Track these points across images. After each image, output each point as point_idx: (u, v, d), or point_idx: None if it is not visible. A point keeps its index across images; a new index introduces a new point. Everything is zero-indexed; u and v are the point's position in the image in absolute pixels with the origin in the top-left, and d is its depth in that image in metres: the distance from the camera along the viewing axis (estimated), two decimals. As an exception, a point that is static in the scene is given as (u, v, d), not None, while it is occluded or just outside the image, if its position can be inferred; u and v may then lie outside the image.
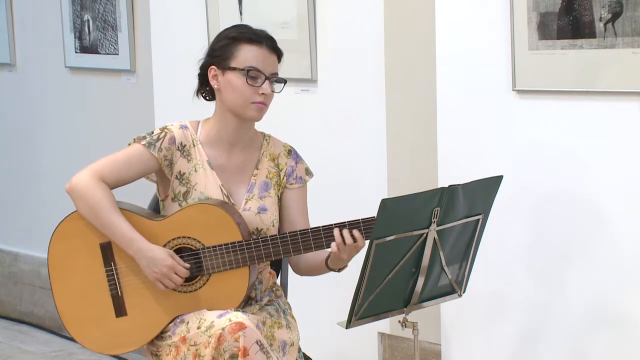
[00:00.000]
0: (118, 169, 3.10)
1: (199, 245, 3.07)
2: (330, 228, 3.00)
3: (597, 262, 3.37)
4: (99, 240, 3.10)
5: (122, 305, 3.11)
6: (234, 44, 3.10)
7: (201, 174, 3.14)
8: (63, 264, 3.15)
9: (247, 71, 3.07)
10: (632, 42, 3.17)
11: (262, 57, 3.09)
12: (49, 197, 5.58)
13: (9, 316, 5.95)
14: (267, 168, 3.21)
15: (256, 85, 3.07)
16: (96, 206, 3.06)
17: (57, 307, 3.15)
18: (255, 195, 3.17)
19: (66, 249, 3.14)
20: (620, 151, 3.28)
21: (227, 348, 2.88)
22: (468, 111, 3.60)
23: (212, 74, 3.13)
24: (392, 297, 2.93)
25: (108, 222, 3.06)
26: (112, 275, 3.11)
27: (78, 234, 3.12)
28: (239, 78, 3.08)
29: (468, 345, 3.71)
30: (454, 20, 3.60)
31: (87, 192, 3.06)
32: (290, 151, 3.25)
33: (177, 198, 3.14)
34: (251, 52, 3.09)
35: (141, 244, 3.05)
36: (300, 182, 3.24)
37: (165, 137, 3.13)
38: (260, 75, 3.08)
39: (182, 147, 3.14)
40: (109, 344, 3.14)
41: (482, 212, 2.99)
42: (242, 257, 3.05)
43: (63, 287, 3.15)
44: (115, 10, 5.06)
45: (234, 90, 3.09)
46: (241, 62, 3.08)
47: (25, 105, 5.72)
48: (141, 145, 3.11)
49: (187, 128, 3.17)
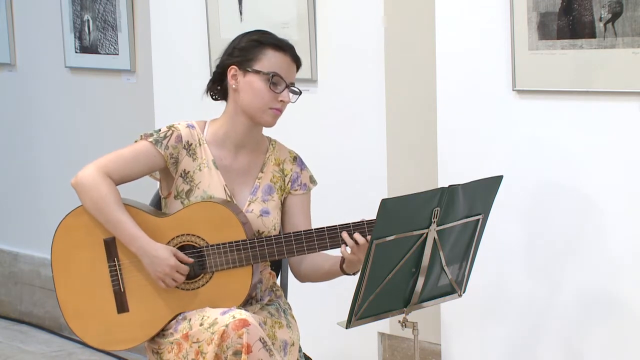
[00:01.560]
0: (124, 165, 3.10)
1: (203, 243, 3.07)
2: (334, 229, 3.00)
3: (597, 262, 3.37)
4: (103, 236, 3.11)
5: (124, 301, 3.11)
6: (259, 47, 3.11)
7: (206, 173, 3.14)
8: (66, 258, 3.14)
9: (271, 76, 3.08)
10: (632, 42, 3.17)
11: (285, 65, 3.11)
12: (49, 197, 5.58)
13: (9, 316, 5.95)
14: (271, 172, 3.21)
15: (277, 91, 3.09)
16: (101, 201, 3.06)
17: (59, 301, 3.15)
18: (259, 198, 3.17)
19: (70, 243, 3.13)
20: (620, 151, 3.28)
21: (231, 345, 2.88)
22: (468, 111, 3.60)
23: (232, 73, 3.12)
24: (392, 297, 2.93)
25: (112, 218, 3.06)
26: (115, 271, 3.11)
27: (82, 228, 3.12)
28: (262, 82, 3.08)
29: (468, 345, 3.71)
30: (454, 20, 3.60)
31: (92, 187, 3.07)
32: (295, 158, 3.26)
33: (179, 196, 3.14)
34: (276, 58, 3.10)
35: (144, 241, 3.05)
36: (305, 188, 3.25)
37: (172, 135, 3.13)
38: (282, 82, 3.09)
39: (188, 145, 3.14)
40: (110, 340, 3.14)
41: (482, 212, 2.99)
42: (245, 255, 3.05)
43: (66, 282, 3.14)
44: (115, 10, 5.06)
45: (255, 93, 3.09)
46: (265, 67, 3.09)
47: (25, 105, 5.72)
48: (148, 142, 3.11)
49: (193, 127, 3.17)
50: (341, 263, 3.08)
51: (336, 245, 3.02)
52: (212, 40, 4.45)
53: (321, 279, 3.22)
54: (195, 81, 4.51)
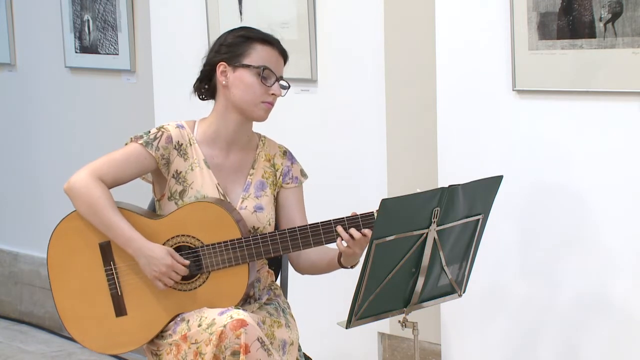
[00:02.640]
0: (116, 168, 3.10)
1: (198, 243, 3.07)
2: (329, 224, 3.00)
3: (597, 262, 3.37)
4: (98, 240, 3.11)
5: (122, 305, 3.11)
6: (247, 42, 3.12)
7: (197, 172, 3.14)
8: (62, 264, 3.15)
9: (262, 70, 3.08)
10: (632, 42, 3.17)
11: (274, 59, 3.12)
12: (49, 197, 5.58)
13: (9, 316, 5.95)
14: (262, 168, 3.21)
15: (268, 84, 3.09)
16: (95, 205, 3.06)
17: (56, 307, 3.15)
18: (252, 194, 3.17)
19: (65, 249, 3.14)
20: (620, 151, 3.28)
21: (229, 345, 2.88)
22: (468, 111, 3.60)
23: (221, 69, 3.12)
24: (392, 297, 2.93)
25: (107, 221, 3.06)
26: (111, 275, 3.11)
27: (77, 233, 3.12)
28: (252, 76, 3.09)
29: (468, 345, 3.71)
30: (454, 20, 3.60)
31: (85, 191, 3.07)
32: (285, 152, 3.27)
33: (173, 197, 3.14)
34: (265, 51, 3.11)
35: (140, 242, 3.05)
36: (297, 181, 3.25)
37: (162, 136, 3.13)
38: (272, 75, 3.10)
39: (179, 146, 3.14)
40: (109, 344, 3.14)
41: (482, 212, 2.99)
42: (241, 254, 3.05)
43: (63, 287, 3.15)
44: (115, 10, 5.06)
45: (246, 87, 3.09)
46: (255, 61, 3.09)
47: (25, 105, 5.72)
48: (138, 144, 3.11)
49: (183, 127, 3.17)
50: (338, 257, 3.08)
51: (331, 240, 3.01)
52: (212, 40, 4.43)
53: (321, 272, 3.22)
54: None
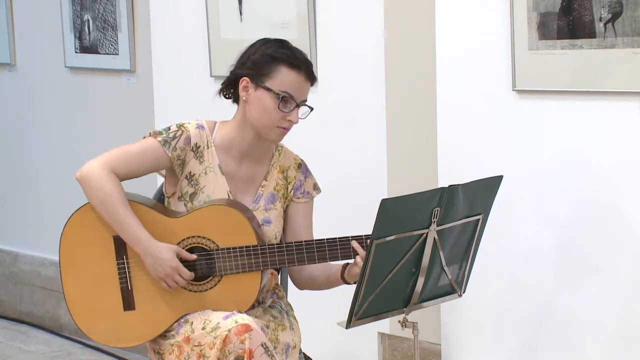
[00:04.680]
0: (130, 161, 3.08)
1: (213, 246, 3.07)
2: (346, 240, 2.99)
3: (597, 262, 3.37)
4: (113, 233, 3.09)
5: (131, 299, 3.11)
6: (273, 63, 3.03)
7: (211, 177, 3.13)
8: (74, 253, 3.13)
9: (281, 96, 3.02)
10: (632, 42, 3.17)
11: (298, 85, 3.04)
12: (49, 197, 5.58)
13: (9, 316, 5.95)
14: (275, 180, 3.19)
15: (285, 110, 3.04)
16: (107, 200, 3.04)
17: (65, 296, 3.14)
18: (261, 206, 3.16)
19: (79, 239, 3.12)
20: (621, 151, 3.28)
21: (233, 350, 2.88)
22: (468, 111, 3.60)
23: (244, 85, 3.07)
24: (392, 297, 2.93)
25: (117, 218, 3.04)
26: (123, 269, 3.11)
27: (92, 224, 3.10)
28: (271, 100, 3.03)
29: (468, 345, 3.71)
30: (454, 20, 3.60)
31: (98, 183, 3.04)
32: (300, 165, 3.23)
33: (183, 198, 3.13)
34: (289, 77, 3.03)
35: (149, 242, 3.04)
36: (307, 196, 3.22)
37: (182, 137, 3.10)
38: (292, 102, 3.04)
39: (196, 148, 3.12)
40: (114, 337, 3.14)
41: (482, 212, 2.99)
42: (255, 261, 3.04)
43: (73, 276, 3.14)
44: (115, 10, 5.06)
45: (263, 109, 3.04)
46: (277, 85, 3.02)
47: (25, 105, 5.72)
48: (157, 141, 3.09)
49: (203, 128, 3.14)
50: (342, 273, 3.07)
51: (347, 256, 3.01)
52: (212, 40, 4.45)
53: (319, 288, 3.22)
54: (195, 81, 4.52)
